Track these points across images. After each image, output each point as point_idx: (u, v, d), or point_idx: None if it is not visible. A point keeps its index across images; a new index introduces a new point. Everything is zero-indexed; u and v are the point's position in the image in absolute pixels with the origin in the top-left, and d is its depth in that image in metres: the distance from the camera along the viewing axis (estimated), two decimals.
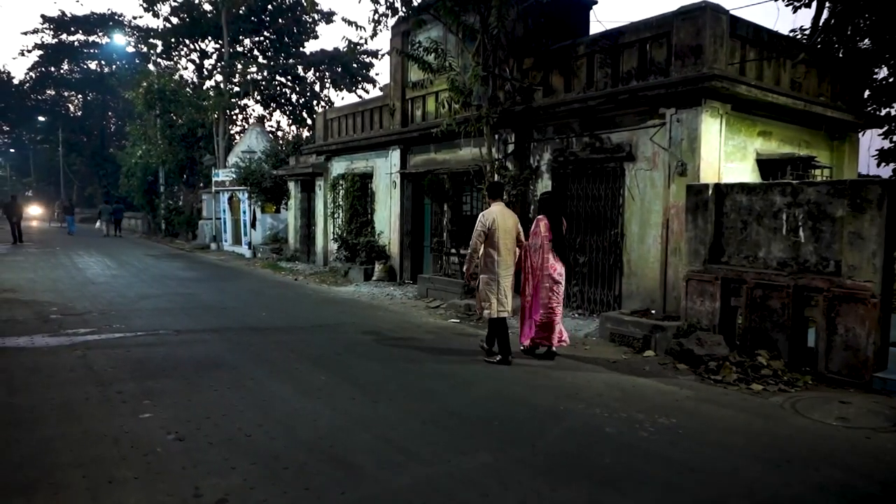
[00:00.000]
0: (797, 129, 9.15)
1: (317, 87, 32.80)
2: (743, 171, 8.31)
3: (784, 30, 8.93)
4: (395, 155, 13.30)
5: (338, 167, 15.64)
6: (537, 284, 6.83)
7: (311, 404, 5.18)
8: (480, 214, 6.71)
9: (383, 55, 33.95)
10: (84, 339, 7.36)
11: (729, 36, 7.76)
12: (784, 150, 8.80)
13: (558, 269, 6.82)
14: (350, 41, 10.56)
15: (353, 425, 4.70)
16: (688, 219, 7.39)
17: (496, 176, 10.17)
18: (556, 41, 9.75)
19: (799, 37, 12.28)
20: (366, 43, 10.48)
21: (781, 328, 6.40)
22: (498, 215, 6.55)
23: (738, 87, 7.58)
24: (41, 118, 48.58)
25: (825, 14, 12.10)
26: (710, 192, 7.14)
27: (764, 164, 8.51)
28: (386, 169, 13.64)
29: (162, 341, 7.37)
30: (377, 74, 34.13)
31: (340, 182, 15.35)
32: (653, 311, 8.08)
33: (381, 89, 13.69)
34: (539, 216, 6.94)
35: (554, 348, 6.93)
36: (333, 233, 15.58)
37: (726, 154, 8.03)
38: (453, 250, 11.92)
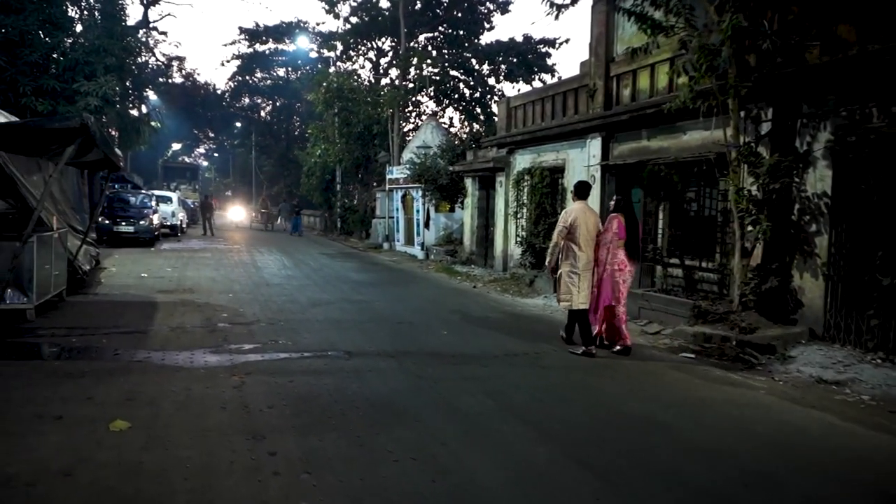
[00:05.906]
0: None
1: (491, 81, 31.50)
2: None
3: None
4: (594, 144, 11.17)
5: (522, 161, 13.85)
6: (602, 278, 6.98)
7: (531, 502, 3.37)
8: (563, 211, 7.29)
9: (560, 43, 31.83)
10: (245, 358, 6.25)
11: None
12: None
13: (629, 267, 6.98)
14: (552, 3, 8.67)
15: None
16: None
17: (744, 165, 7.71)
18: None
19: None
20: (571, 4, 8.48)
21: None
22: (580, 213, 6.88)
23: None
24: (238, 124, 52.91)
25: None
26: None
27: None
28: (582, 161, 11.56)
29: (330, 368, 6.04)
30: (554, 64, 31.86)
31: (525, 177, 13.52)
32: None
33: (580, 66, 11.68)
34: (613, 214, 7.09)
35: (629, 344, 6.97)
36: (517, 235, 13.81)
37: None
38: (674, 260, 9.53)
